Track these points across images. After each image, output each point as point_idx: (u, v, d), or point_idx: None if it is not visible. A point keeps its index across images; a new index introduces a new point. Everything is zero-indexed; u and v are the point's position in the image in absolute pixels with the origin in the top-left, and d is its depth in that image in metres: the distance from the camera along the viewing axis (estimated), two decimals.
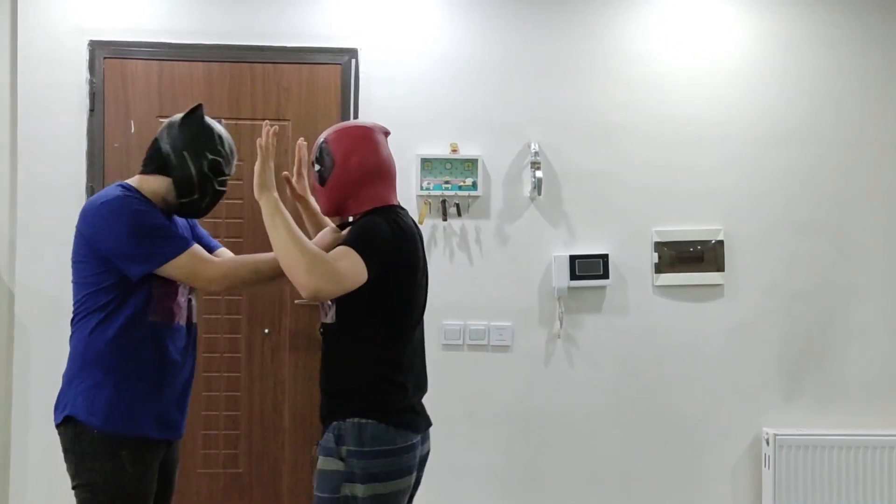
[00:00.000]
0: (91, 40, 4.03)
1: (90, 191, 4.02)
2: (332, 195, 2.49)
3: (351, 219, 2.56)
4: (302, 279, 2.26)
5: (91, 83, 4.03)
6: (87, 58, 4.03)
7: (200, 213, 2.65)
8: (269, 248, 2.45)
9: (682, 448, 4.19)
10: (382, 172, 2.50)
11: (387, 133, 2.58)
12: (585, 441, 4.17)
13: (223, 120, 2.78)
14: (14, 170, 4.04)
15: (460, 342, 4.11)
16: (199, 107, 2.62)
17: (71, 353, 2.57)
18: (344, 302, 2.40)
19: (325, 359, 2.50)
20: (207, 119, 2.63)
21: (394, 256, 2.39)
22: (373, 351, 2.41)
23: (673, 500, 4.18)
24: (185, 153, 2.55)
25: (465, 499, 4.09)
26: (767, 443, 4.09)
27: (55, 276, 4.01)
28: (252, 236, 3.99)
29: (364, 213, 2.48)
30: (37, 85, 4.03)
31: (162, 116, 4.03)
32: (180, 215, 2.65)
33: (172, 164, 2.55)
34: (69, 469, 2.53)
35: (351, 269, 2.29)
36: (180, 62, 4.07)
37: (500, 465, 4.15)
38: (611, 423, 4.18)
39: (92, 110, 4.03)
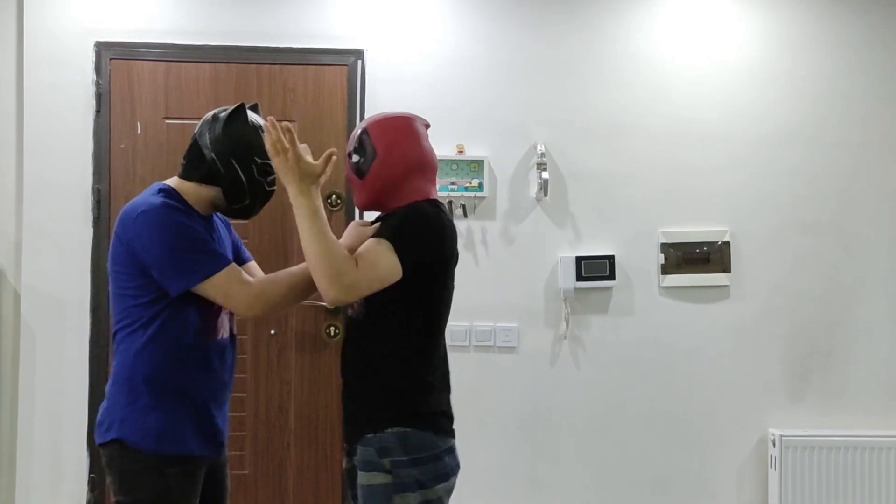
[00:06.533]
0: (97, 41, 4.03)
1: (96, 192, 4.02)
2: (372, 188, 2.38)
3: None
4: (323, 286, 2.20)
5: (97, 84, 4.03)
6: (94, 59, 4.03)
7: (251, 215, 2.53)
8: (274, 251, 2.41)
9: (688, 449, 4.18)
10: (425, 166, 2.40)
11: (427, 125, 2.48)
12: (591, 442, 4.17)
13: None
14: (20, 171, 4.04)
15: (466, 343, 4.11)
16: (241, 107, 2.46)
17: (116, 371, 2.44)
18: (375, 297, 2.28)
19: (353, 358, 2.41)
20: (252, 118, 2.47)
21: (434, 250, 2.31)
22: (405, 351, 2.32)
23: (679, 500, 4.18)
24: (232, 161, 2.41)
25: (471, 499, 4.08)
26: (773, 444, 4.09)
27: (61, 277, 4.02)
28: (258, 238, 3.99)
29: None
30: (43, 86, 4.02)
31: (168, 118, 4.03)
32: (231, 217, 2.55)
33: (221, 174, 2.41)
34: (112, 485, 2.45)
35: (378, 271, 2.22)
36: (186, 63, 4.06)
37: (505, 466, 4.15)
38: (617, 423, 4.17)
39: (98, 111, 4.03)
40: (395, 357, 2.33)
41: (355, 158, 2.40)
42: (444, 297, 2.42)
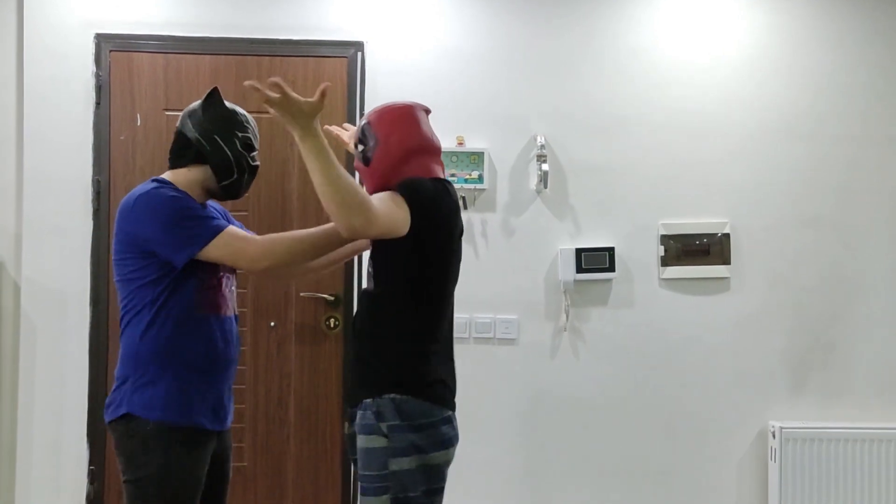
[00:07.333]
0: (97, 33, 4.04)
1: (96, 184, 4.02)
2: (377, 174, 2.51)
3: None
4: (338, 216, 2.21)
5: (97, 76, 4.03)
6: (93, 51, 4.03)
7: (241, 192, 2.70)
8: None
9: (688, 441, 4.18)
10: (425, 149, 2.53)
11: (427, 111, 2.62)
12: (591, 434, 4.17)
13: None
14: (20, 163, 4.04)
15: (466, 335, 4.10)
16: (215, 90, 2.67)
17: (123, 352, 2.57)
18: (381, 268, 2.45)
19: (360, 326, 2.52)
20: (226, 101, 2.69)
21: (435, 212, 2.43)
22: (407, 320, 2.44)
23: (678, 493, 4.18)
24: (216, 137, 2.61)
25: (470, 491, 4.08)
26: (773, 436, 4.09)
27: (61, 269, 4.03)
28: (257, 230, 3.97)
29: None
30: (43, 78, 4.03)
31: (168, 110, 4.03)
32: (222, 198, 2.70)
33: (206, 151, 2.60)
34: (120, 464, 2.56)
35: (391, 211, 2.32)
36: (186, 55, 4.07)
37: (505, 458, 4.15)
38: (616, 416, 4.17)
39: (98, 103, 4.03)
40: (397, 326, 2.44)
41: (360, 148, 2.55)
42: (447, 268, 2.51)
